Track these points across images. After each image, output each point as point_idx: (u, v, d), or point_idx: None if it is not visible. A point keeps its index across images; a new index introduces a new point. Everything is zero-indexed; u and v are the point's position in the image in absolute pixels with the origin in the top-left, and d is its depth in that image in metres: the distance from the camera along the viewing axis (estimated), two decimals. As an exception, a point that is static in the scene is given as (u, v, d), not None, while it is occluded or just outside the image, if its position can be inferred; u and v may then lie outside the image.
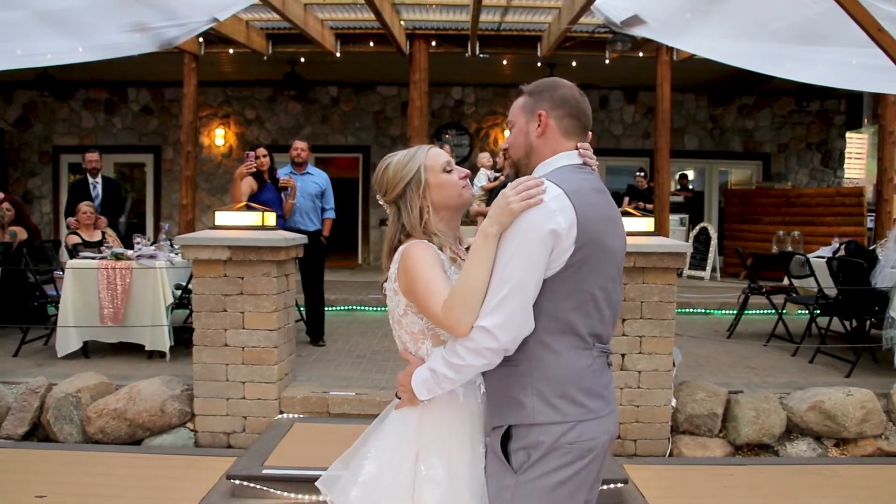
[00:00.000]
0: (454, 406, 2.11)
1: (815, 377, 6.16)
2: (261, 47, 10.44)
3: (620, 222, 2.16)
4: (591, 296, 1.99)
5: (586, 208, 1.96)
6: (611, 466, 4.44)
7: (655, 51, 9.91)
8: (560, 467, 1.95)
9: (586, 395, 1.98)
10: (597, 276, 1.99)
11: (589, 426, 1.98)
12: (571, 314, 1.97)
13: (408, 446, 2.11)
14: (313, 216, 7.35)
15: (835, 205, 11.51)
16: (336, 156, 14.62)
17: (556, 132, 2.10)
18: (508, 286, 1.91)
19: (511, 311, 1.91)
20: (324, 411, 5.48)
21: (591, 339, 2.01)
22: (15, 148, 14.25)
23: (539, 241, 1.91)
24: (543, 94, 2.12)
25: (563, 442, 1.95)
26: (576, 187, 1.98)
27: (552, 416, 1.95)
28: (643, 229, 5.45)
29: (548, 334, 1.97)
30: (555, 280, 1.95)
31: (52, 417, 5.44)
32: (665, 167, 10.12)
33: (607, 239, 2.02)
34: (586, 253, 1.95)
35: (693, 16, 6.52)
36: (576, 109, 2.11)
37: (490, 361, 1.97)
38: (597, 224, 1.98)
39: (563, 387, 1.96)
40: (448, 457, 2.08)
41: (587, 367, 2.00)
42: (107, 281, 6.48)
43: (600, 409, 2.01)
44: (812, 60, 6.58)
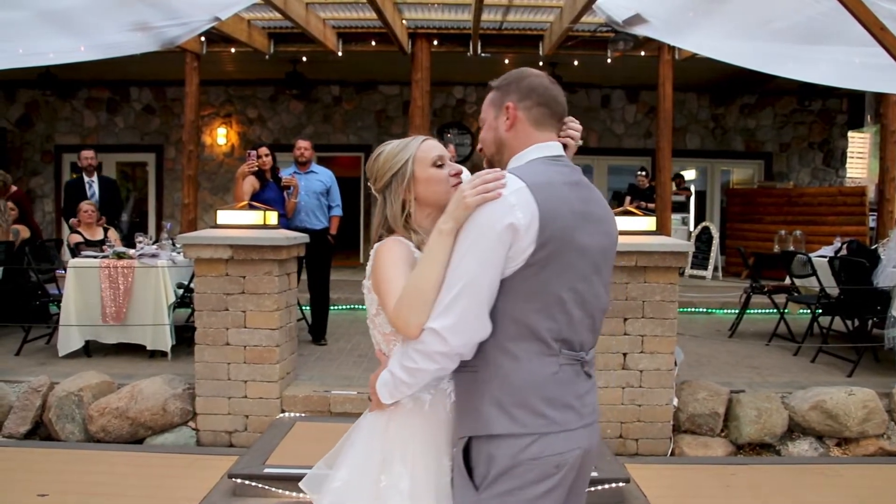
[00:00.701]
0: (419, 414, 1.98)
1: (816, 377, 6.15)
2: (263, 46, 10.44)
3: (604, 218, 2.00)
4: (557, 298, 1.84)
5: (553, 202, 1.82)
6: (612, 466, 4.44)
7: (657, 50, 9.90)
8: (523, 486, 1.81)
9: (550, 406, 1.83)
10: (565, 276, 1.85)
11: (554, 440, 1.82)
12: (533, 317, 1.83)
13: (375, 453, 2.01)
14: (319, 214, 7.34)
15: (837, 204, 11.50)
16: (338, 155, 14.61)
17: (525, 124, 1.98)
18: (459, 285, 1.78)
19: (462, 312, 1.78)
20: (325, 410, 5.49)
21: (556, 345, 1.85)
22: (17, 147, 14.27)
23: (495, 238, 1.78)
24: (510, 86, 2.01)
25: (524, 458, 1.80)
26: (543, 180, 1.85)
27: (510, 426, 1.81)
28: (645, 228, 5.45)
29: (507, 339, 1.84)
30: (515, 279, 1.82)
31: (54, 416, 5.45)
32: (667, 166, 10.11)
33: (579, 236, 1.87)
34: (551, 250, 1.81)
35: (695, 15, 6.51)
36: (545, 98, 1.99)
37: (443, 366, 1.84)
38: (565, 220, 1.83)
39: (522, 396, 1.82)
40: (412, 466, 1.96)
41: (551, 375, 1.84)
42: (109, 280, 6.49)
43: (569, 422, 1.85)
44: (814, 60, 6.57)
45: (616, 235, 2.08)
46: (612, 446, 5.12)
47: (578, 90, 14.10)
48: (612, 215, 2.07)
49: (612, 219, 2.06)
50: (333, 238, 7.51)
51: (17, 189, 8.74)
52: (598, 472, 4.30)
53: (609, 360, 5.24)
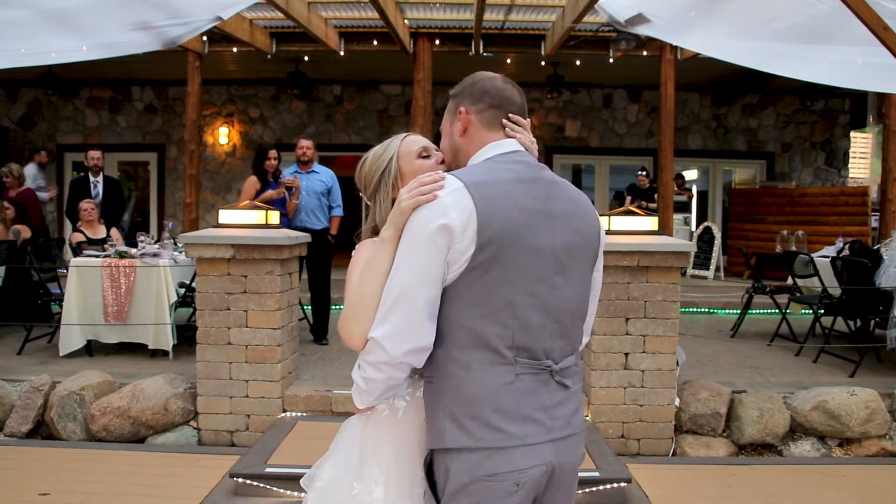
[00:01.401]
0: (393, 422, 1.92)
1: (818, 377, 6.15)
2: (265, 46, 10.45)
3: (572, 215, 1.87)
4: (507, 302, 1.73)
5: (496, 201, 1.73)
6: (614, 465, 4.43)
7: (659, 50, 9.90)
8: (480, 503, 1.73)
9: (505, 419, 1.72)
10: (515, 278, 1.74)
11: (512, 455, 1.72)
12: (481, 323, 1.73)
13: (353, 456, 1.98)
14: (320, 214, 7.34)
15: (839, 204, 11.48)
16: (339, 154, 14.60)
17: (478, 127, 1.94)
18: (395, 293, 1.73)
19: (399, 320, 1.72)
20: (327, 410, 5.49)
21: (510, 353, 1.74)
22: (19, 146, 14.27)
23: (427, 241, 1.71)
24: (464, 91, 1.98)
25: (480, 475, 1.71)
26: (484, 178, 1.78)
27: (464, 440, 1.73)
28: (647, 228, 5.44)
29: (457, 347, 1.75)
30: (458, 285, 1.74)
31: (55, 415, 5.45)
32: (669, 166, 10.11)
33: (532, 235, 1.76)
34: (494, 251, 1.71)
35: (697, 14, 6.50)
36: (497, 99, 1.93)
37: (390, 375, 1.79)
38: (509, 218, 1.74)
39: (474, 408, 1.73)
40: (387, 474, 1.91)
41: (505, 385, 1.74)
42: (110, 279, 6.49)
43: (529, 436, 1.74)
44: (817, 59, 6.57)
45: (596, 232, 1.94)
46: (614, 446, 5.12)
47: (580, 90, 14.08)
48: (588, 211, 1.94)
49: (587, 215, 1.93)
50: (334, 238, 7.51)
51: (26, 188, 8.75)
52: (599, 472, 4.31)
53: (611, 360, 5.24)
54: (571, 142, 14.34)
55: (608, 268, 5.17)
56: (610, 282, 5.18)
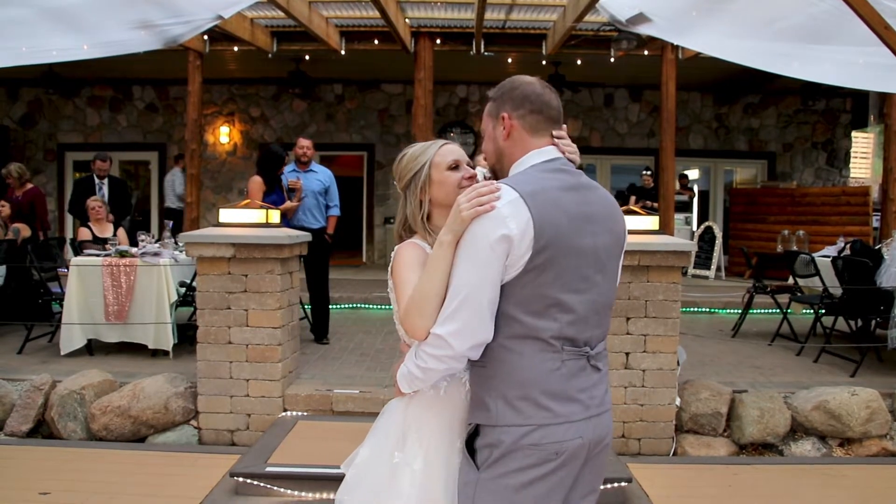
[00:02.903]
0: (436, 399, 2.10)
1: (819, 377, 6.14)
2: (265, 45, 10.45)
3: (608, 217, 2.07)
4: (556, 300, 1.92)
5: (548, 209, 1.90)
6: (615, 465, 4.43)
7: (661, 49, 9.89)
8: (523, 469, 1.91)
9: (553, 399, 1.92)
10: (563, 279, 1.92)
11: (556, 430, 1.92)
12: (532, 319, 1.92)
13: (393, 432, 2.16)
14: (317, 214, 7.34)
15: (840, 204, 11.48)
16: (341, 154, 14.63)
17: (521, 132, 2.06)
18: (461, 295, 1.89)
19: (465, 320, 1.89)
20: (327, 409, 5.48)
21: (557, 343, 1.94)
22: (20, 145, 14.28)
23: (489, 249, 1.87)
24: (504, 95, 2.09)
25: (525, 443, 1.90)
26: (536, 188, 1.93)
27: (514, 418, 1.92)
28: (648, 228, 5.44)
29: (509, 338, 1.93)
30: (514, 285, 1.91)
31: (56, 415, 5.45)
32: (670, 166, 10.10)
33: (578, 238, 1.94)
34: (548, 256, 1.89)
35: (699, 14, 6.49)
36: (538, 104, 2.06)
37: (450, 366, 1.97)
38: (560, 225, 1.91)
39: (525, 390, 1.92)
40: (426, 447, 2.10)
41: (553, 370, 1.94)
42: (111, 278, 6.49)
43: (572, 414, 1.94)
44: (818, 59, 6.55)
45: (623, 231, 2.13)
46: (615, 446, 5.11)
47: (581, 89, 14.07)
48: (617, 212, 2.12)
49: (616, 215, 2.11)
50: (331, 237, 7.51)
51: (33, 187, 8.75)
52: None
53: (612, 360, 5.23)
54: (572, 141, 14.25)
55: (609, 267, 5.17)
56: (611, 281, 5.17)
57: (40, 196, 8.83)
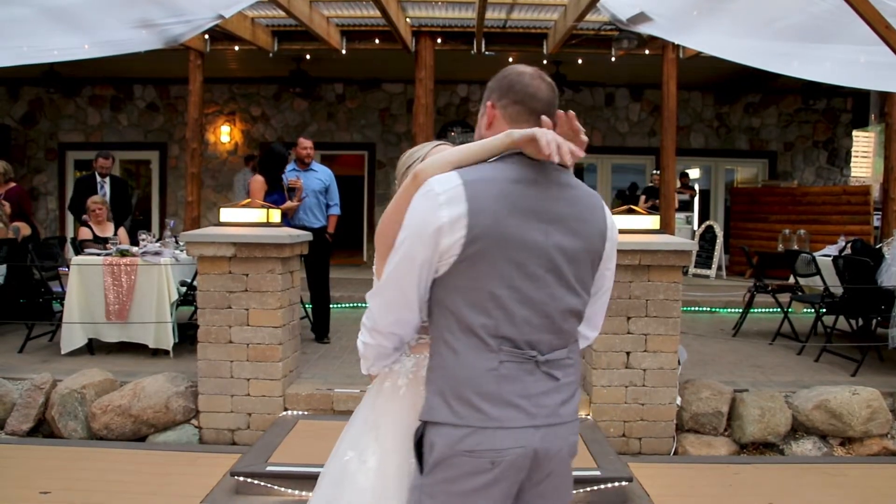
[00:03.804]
0: (395, 397, 2.08)
1: (820, 376, 6.14)
2: (266, 44, 10.44)
3: (574, 217, 1.92)
4: (490, 294, 1.83)
5: (488, 199, 1.82)
6: (615, 464, 4.43)
7: (661, 48, 9.88)
8: (457, 478, 1.83)
9: (487, 401, 1.82)
10: (499, 272, 1.83)
11: (491, 436, 1.82)
12: (466, 311, 1.84)
13: (354, 431, 2.16)
14: (318, 213, 7.34)
15: (841, 203, 11.47)
16: (341, 153, 14.63)
17: (501, 122, 1.98)
18: (389, 273, 1.89)
19: (388, 296, 1.91)
20: (328, 408, 5.49)
21: (493, 342, 1.84)
22: (21, 145, 14.29)
23: (417, 231, 1.83)
24: (494, 83, 2.02)
25: (460, 449, 1.82)
26: (483, 177, 1.86)
27: (448, 416, 1.84)
28: (649, 227, 5.44)
29: (448, 331, 1.88)
30: (450, 275, 1.85)
31: (56, 414, 5.46)
32: (671, 165, 10.10)
33: (522, 233, 1.84)
34: (482, 246, 1.81)
35: (699, 13, 6.49)
36: (522, 95, 1.96)
37: (379, 343, 1.98)
38: (501, 217, 1.82)
39: (459, 388, 1.84)
40: (383, 445, 2.06)
41: (489, 370, 1.84)
42: (112, 277, 6.49)
43: (509, 419, 1.83)
44: (819, 58, 6.55)
45: (595, 234, 1.97)
46: (615, 445, 5.11)
47: (582, 89, 14.07)
48: (594, 215, 1.98)
49: (591, 218, 1.97)
50: (331, 237, 7.50)
51: (15, 185, 8.72)
52: (600, 470, 4.30)
53: (612, 359, 5.24)
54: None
55: (610, 267, 5.16)
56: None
57: (24, 194, 8.82)
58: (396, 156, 14.03)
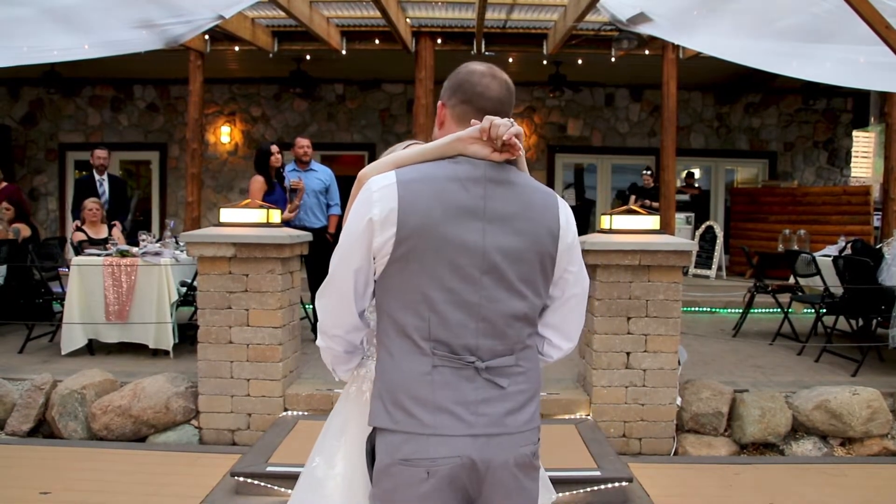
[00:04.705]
0: (360, 402, 2.06)
1: (820, 376, 6.14)
2: (266, 45, 10.45)
3: (518, 216, 1.84)
4: (423, 296, 1.78)
5: (420, 198, 1.77)
6: (615, 465, 4.43)
7: (661, 49, 9.87)
8: (398, 488, 1.77)
9: (421, 407, 1.77)
10: (430, 273, 1.77)
11: (425, 443, 1.76)
12: (400, 314, 1.81)
13: (325, 435, 2.16)
14: (318, 213, 7.35)
15: (841, 203, 11.47)
16: (341, 153, 14.62)
17: (450, 121, 1.94)
18: (329, 274, 1.88)
19: (329, 297, 1.89)
20: (328, 409, 5.41)
21: (426, 345, 1.79)
22: (21, 145, 14.28)
23: (351, 230, 1.82)
24: (446, 83, 1.98)
25: (398, 457, 1.77)
26: (418, 176, 1.81)
27: (387, 421, 1.80)
28: (649, 227, 5.44)
29: (386, 335, 1.85)
30: (385, 276, 1.82)
31: (56, 414, 5.46)
32: (671, 165, 10.09)
33: (454, 233, 1.77)
34: (412, 246, 1.76)
35: (699, 13, 6.49)
36: (469, 93, 1.90)
37: (329, 345, 1.97)
38: (433, 216, 1.76)
39: (395, 392, 1.80)
40: (349, 451, 2.04)
41: (423, 374, 1.79)
42: (112, 278, 6.49)
43: (443, 427, 1.76)
44: (819, 58, 6.55)
45: (541, 233, 1.88)
46: (615, 445, 5.11)
47: (582, 89, 14.07)
48: (535, 213, 1.88)
49: (532, 216, 1.87)
50: (332, 237, 7.50)
51: (8, 185, 8.70)
52: (600, 471, 4.31)
53: (612, 360, 5.24)
54: (573, 141, 14.33)
55: (610, 267, 5.17)
56: (611, 281, 5.18)
57: (19, 193, 8.81)
58: (396, 156, 14.04)
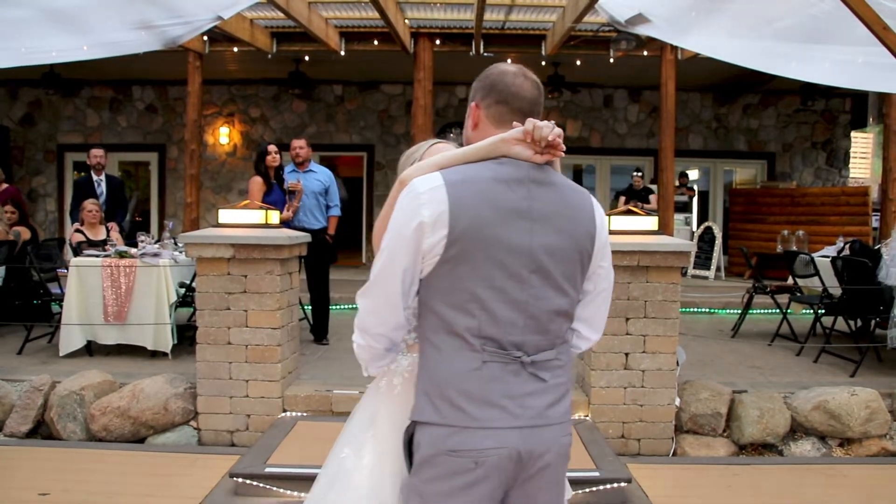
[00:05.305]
0: (391, 395, 2.09)
1: (819, 377, 6.14)
2: (265, 46, 10.45)
3: (558, 215, 1.88)
4: (473, 295, 1.81)
5: (469, 200, 1.80)
6: (614, 465, 4.43)
7: (660, 50, 9.89)
8: (441, 477, 1.82)
9: (469, 401, 1.81)
10: (481, 273, 1.81)
11: (472, 436, 1.80)
12: (450, 313, 1.83)
13: (353, 429, 2.16)
14: (318, 214, 7.34)
15: (840, 204, 11.48)
16: (340, 154, 14.64)
17: (486, 122, 1.97)
18: (374, 274, 1.88)
19: (374, 298, 1.89)
20: (327, 410, 5.48)
21: (476, 342, 1.83)
22: (20, 146, 14.29)
23: (402, 233, 1.82)
24: (478, 83, 2.00)
25: (444, 449, 1.81)
26: (465, 178, 1.84)
27: (433, 416, 1.84)
28: (647, 228, 5.44)
29: (432, 331, 1.88)
30: (433, 275, 1.84)
31: (55, 415, 5.45)
32: (669, 166, 10.10)
33: (504, 233, 1.81)
34: (464, 247, 1.79)
35: (698, 14, 6.49)
36: (504, 94, 1.94)
37: (370, 344, 1.96)
38: (483, 217, 1.80)
39: (443, 387, 1.83)
40: (378, 443, 2.07)
41: (472, 370, 1.83)
42: (111, 279, 6.49)
43: (491, 420, 1.81)
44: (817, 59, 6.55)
45: (581, 232, 1.93)
46: (614, 446, 5.11)
47: (581, 90, 14.09)
48: (575, 212, 1.93)
49: (572, 215, 1.92)
50: (332, 238, 7.50)
51: (8, 186, 8.69)
52: (599, 472, 4.30)
53: (611, 360, 5.24)
54: (572, 142, 14.32)
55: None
56: (610, 281, 5.18)
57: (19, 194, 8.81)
58: (395, 157, 14.03)
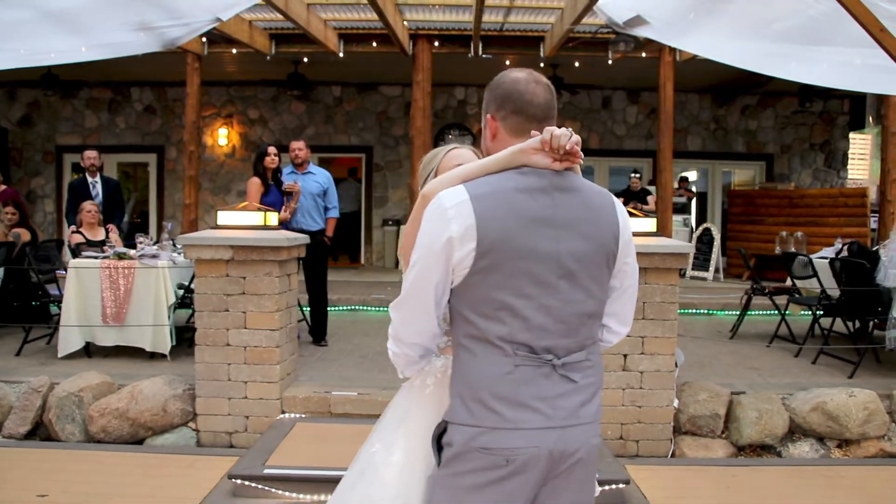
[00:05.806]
0: (423, 395, 2.14)
1: (817, 378, 6.15)
2: (264, 47, 10.45)
3: (581, 221, 1.94)
4: (504, 304, 1.87)
5: (496, 212, 1.85)
6: (612, 467, 4.44)
7: (658, 51, 9.91)
8: (472, 471, 1.88)
9: (503, 404, 1.87)
10: (511, 283, 1.87)
11: (505, 436, 1.86)
12: (481, 321, 1.89)
13: (383, 422, 2.23)
14: (316, 215, 7.33)
15: (838, 205, 11.49)
16: (339, 156, 14.63)
17: (504, 133, 2.01)
18: (406, 288, 1.94)
19: (408, 310, 1.96)
20: (326, 411, 5.48)
21: (509, 347, 1.88)
22: (18, 147, 14.28)
23: (432, 249, 1.87)
24: (490, 94, 2.04)
25: (475, 445, 1.87)
26: (489, 190, 1.88)
27: (467, 418, 1.89)
28: (645, 229, 5.45)
29: (466, 337, 1.93)
30: (465, 286, 1.89)
31: (54, 417, 5.45)
32: (668, 168, 10.12)
33: (532, 241, 1.87)
34: (494, 259, 1.85)
35: (696, 16, 6.50)
36: (519, 104, 1.97)
37: (404, 352, 2.03)
38: (510, 228, 1.85)
39: (477, 391, 1.89)
40: (408, 441, 2.11)
41: (505, 374, 1.88)
42: (109, 280, 6.48)
43: (524, 421, 1.87)
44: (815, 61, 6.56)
45: (606, 235, 1.98)
46: (613, 447, 5.12)
47: (579, 91, 14.09)
48: (598, 216, 1.98)
49: (595, 220, 1.97)
50: (330, 239, 7.50)
51: (7, 188, 8.68)
52: (598, 473, 4.30)
53: (609, 362, 5.24)
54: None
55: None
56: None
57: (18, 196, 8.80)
58: (394, 158, 14.09)
